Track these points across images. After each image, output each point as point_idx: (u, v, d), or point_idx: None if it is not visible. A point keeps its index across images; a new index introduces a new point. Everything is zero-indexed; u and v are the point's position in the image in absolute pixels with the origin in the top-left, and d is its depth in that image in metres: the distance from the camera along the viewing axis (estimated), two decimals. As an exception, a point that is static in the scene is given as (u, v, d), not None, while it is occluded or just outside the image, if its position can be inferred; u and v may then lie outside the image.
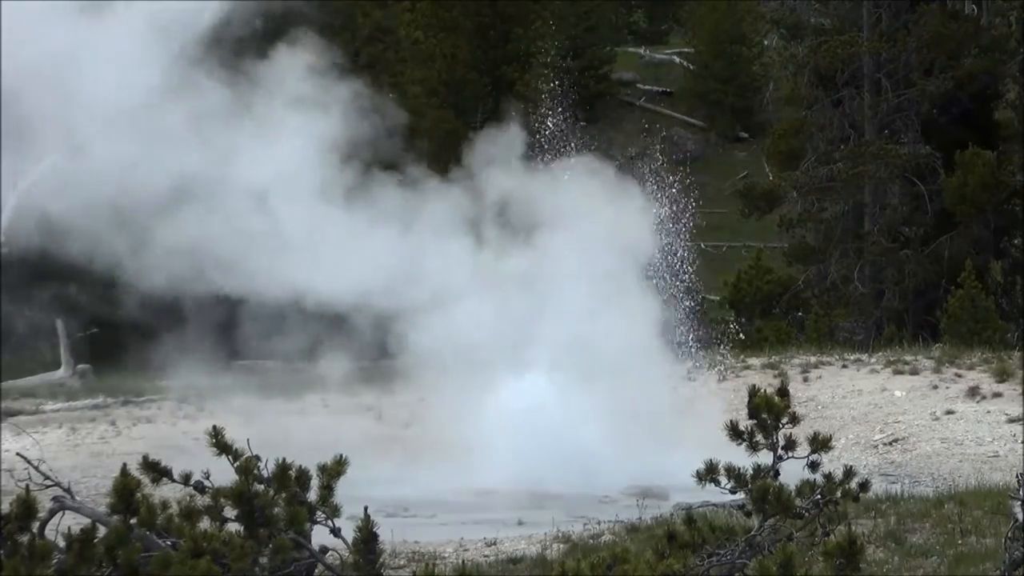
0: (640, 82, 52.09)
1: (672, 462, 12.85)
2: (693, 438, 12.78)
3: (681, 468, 7.22)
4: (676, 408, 16.41)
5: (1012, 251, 29.07)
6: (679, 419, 15.88)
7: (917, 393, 18.44)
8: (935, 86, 29.30)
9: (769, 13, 36.67)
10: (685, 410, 16.65)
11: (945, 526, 10.28)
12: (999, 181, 28.19)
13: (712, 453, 6.62)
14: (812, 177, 29.73)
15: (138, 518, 6.14)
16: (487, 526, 12.04)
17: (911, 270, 28.81)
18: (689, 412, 16.37)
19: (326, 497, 6.41)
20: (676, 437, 14.92)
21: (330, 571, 6.44)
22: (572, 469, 14.83)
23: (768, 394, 6.75)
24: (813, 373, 20.17)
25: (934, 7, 29.65)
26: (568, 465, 14.86)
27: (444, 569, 7.28)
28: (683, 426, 15.27)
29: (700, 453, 6.81)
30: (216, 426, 6.56)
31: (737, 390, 18.85)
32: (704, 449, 6.86)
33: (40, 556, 5.63)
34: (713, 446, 6.90)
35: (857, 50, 29.60)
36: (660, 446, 15.01)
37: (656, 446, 15.08)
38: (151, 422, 19.53)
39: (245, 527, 6.17)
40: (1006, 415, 16.75)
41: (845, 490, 6.65)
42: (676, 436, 14.97)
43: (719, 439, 6.76)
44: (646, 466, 14.78)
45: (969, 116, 29.97)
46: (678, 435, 14.96)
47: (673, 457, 13.00)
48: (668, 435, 15.23)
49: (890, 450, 16.43)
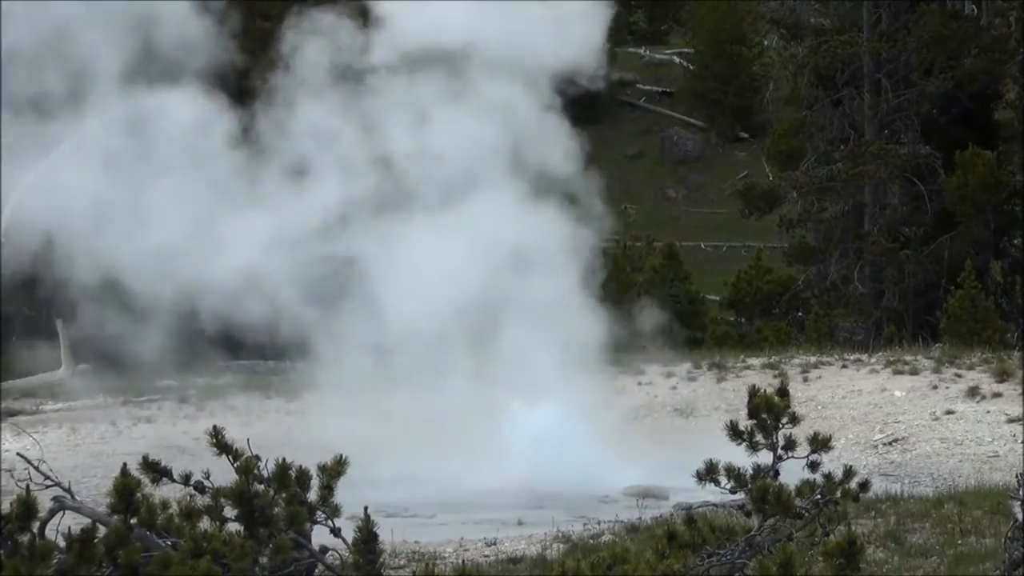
0: (640, 82, 52.09)
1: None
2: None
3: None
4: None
5: (1012, 251, 29.08)
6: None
7: (917, 393, 18.44)
8: (935, 86, 29.30)
9: (769, 13, 36.69)
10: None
11: (945, 526, 10.28)
12: (999, 181, 28.20)
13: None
14: (812, 177, 29.73)
15: (138, 518, 6.14)
16: (487, 526, 12.05)
17: (911, 270, 28.82)
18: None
19: (326, 497, 6.41)
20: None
21: (330, 571, 6.44)
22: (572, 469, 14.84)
23: (768, 394, 6.75)
24: (813, 373, 20.16)
25: (934, 7, 29.66)
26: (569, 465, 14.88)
27: (444, 569, 7.28)
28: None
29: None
30: (216, 426, 6.56)
31: (737, 390, 18.87)
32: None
33: (40, 556, 5.63)
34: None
35: (857, 50, 29.61)
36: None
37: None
38: (151, 422, 19.51)
39: (245, 527, 6.18)
40: (1006, 415, 16.74)
41: (845, 490, 6.66)
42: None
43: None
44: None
45: (969, 116, 29.98)
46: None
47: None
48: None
49: (890, 450, 16.43)
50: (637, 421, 16.71)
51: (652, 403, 19.38)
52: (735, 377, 20.26)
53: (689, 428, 15.96)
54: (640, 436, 15.70)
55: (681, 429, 15.64)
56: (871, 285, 29.35)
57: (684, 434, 14.95)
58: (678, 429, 15.68)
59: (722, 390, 19.73)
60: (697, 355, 22.61)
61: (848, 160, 29.23)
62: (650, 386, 20.37)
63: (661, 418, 17.93)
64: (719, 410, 18.03)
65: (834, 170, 29.35)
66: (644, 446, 15.36)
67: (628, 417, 17.40)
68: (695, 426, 16.50)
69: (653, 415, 18.81)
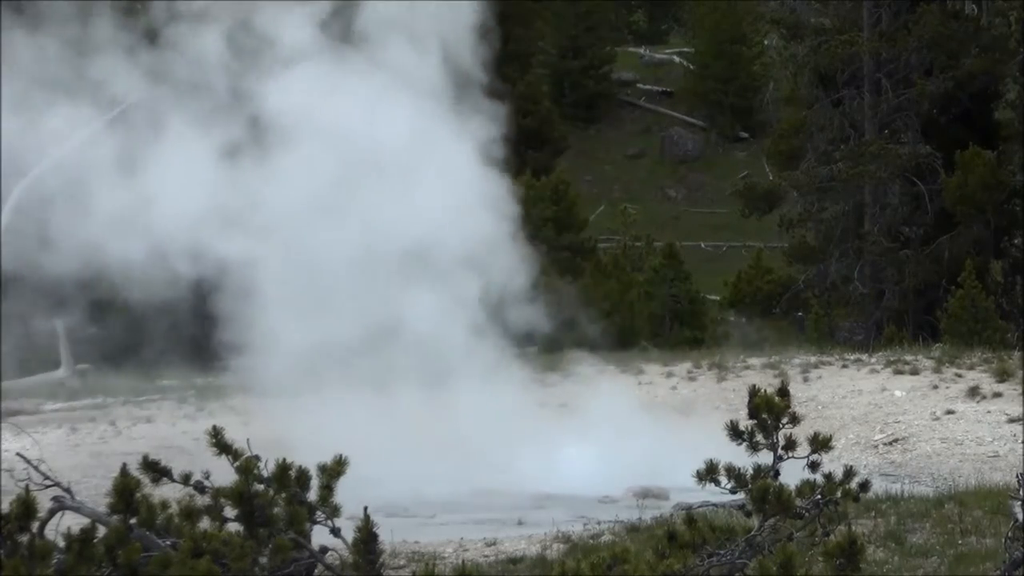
0: (640, 82, 52.14)
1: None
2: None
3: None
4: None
5: (1012, 251, 29.06)
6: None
7: (917, 393, 18.44)
8: (935, 86, 29.31)
9: (769, 13, 36.70)
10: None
11: (945, 526, 10.28)
12: (999, 181, 28.20)
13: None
14: (812, 177, 29.75)
15: (138, 518, 6.14)
16: (487, 526, 12.04)
17: (911, 270, 28.82)
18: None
19: (326, 497, 6.41)
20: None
21: (330, 571, 6.44)
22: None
23: (768, 394, 6.75)
24: (813, 373, 20.16)
25: (934, 7, 29.65)
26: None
27: (444, 569, 7.28)
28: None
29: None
30: (216, 426, 6.56)
31: (737, 390, 18.87)
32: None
33: (40, 556, 5.63)
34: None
35: (857, 50, 29.61)
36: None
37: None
38: (151, 422, 19.51)
39: (245, 527, 6.18)
40: (1006, 415, 16.74)
41: (845, 490, 6.66)
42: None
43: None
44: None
45: (969, 116, 29.98)
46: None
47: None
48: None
49: (890, 450, 16.43)
50: (638, 421, 16.67)
51: (652, 403, 19.37)
52: (735, 377, 20.27)
53: (689, 428, 15.94)
54: (641, 435, 15.67)
55: (681, 429, 15.61)
56: (871, 285, 29.35)
57: (684, 434, 14.91)
58: (678, 429, 15.66)
59: (722, 390, 19.73)
60: (697, 355, 22.62)
61: (848, 160, 29.23)
62: (650, 386, 20.38)
63: (661, 418, 17.89)
64: (719, 410, 18.01)
65: (834, 170, 29.36)
66: (645, 445, 15.34)
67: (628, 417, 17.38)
68: (695, 426, 16.47)
69: (653, 415, 18.81)
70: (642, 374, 21.05)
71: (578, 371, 19.47)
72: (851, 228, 30.11)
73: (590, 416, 16.45)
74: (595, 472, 14.67)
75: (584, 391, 18.10)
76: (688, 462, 6.88)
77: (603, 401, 17.13)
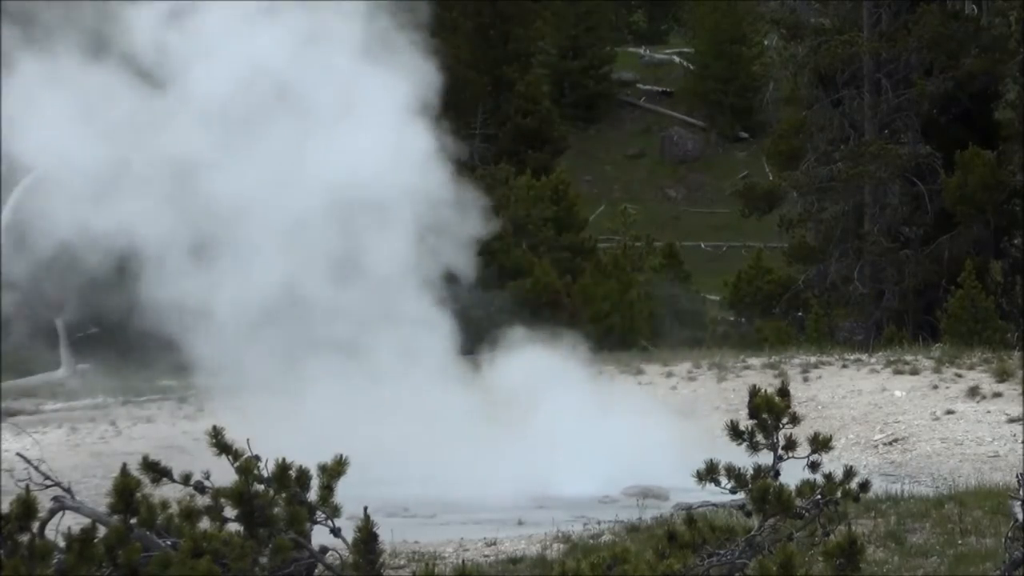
0: (640, 82, 52.16)
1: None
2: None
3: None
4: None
5: (1012, 251, 29.07)
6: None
7: (917, 393, 18.44)
8: (935, 86, 29.31)
9: (769, 13, 36.67)
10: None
11: (945, 526, 10.28)
12: (999, 181, 28.20)
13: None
14: (812, 177, 29.75)
15: (138, 518, 6.14)
16: (487, 526, 12.04)
17: (911, 270, 28.82)
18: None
19: (326, 497, 6.41)
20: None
21: (330, 571, 6.44)
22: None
23: (768, 394, 6.75)
24: (813, 373, 20.16)
25: (934, 7, 29.65)
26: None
27: (444, 569, 7.29)
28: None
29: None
30: (216, 426, 6.56)
31: (737, 390, 18.87)
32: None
33: (40, 556, 5.64)
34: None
35: (857, 50, 29.61)
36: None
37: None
38: (151, 422, 19.52)
39: (245, 527, 6.18)
40: (1006, 415, 16.74)
41: (845, 490, 6.66)
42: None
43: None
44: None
45: (969, 116, 29.98)
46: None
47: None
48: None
49: (890, 450, 16.43)
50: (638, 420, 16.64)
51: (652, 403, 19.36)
52: (735, 377, 20.27)
53: (689, 428, 15.93)
54: (641, 435, 15.65)
55: (681, 429, 15.60)
56: (871, 285, 29.35)
57: (684, 434, 14.90)
58: (678, 429, 15.64)
59: (722, 390, 19.74)
60: (697, 355, 22.61)
61: (848, 160, 29.23)
62: (650, 386, 20.38)
63: (662, 418, 17.86)
64: (719, 410, 18.03)
65: (834, 170, 29.36)
66: (645, 445, 15.33)
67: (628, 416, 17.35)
68: (695, 426, 16.46)
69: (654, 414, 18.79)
70: (642, 374, 21.05)
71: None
72: (851, 228, 30.11)
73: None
74: (595, 472, 14.68)
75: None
76: (688, 462, 6.88)
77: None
